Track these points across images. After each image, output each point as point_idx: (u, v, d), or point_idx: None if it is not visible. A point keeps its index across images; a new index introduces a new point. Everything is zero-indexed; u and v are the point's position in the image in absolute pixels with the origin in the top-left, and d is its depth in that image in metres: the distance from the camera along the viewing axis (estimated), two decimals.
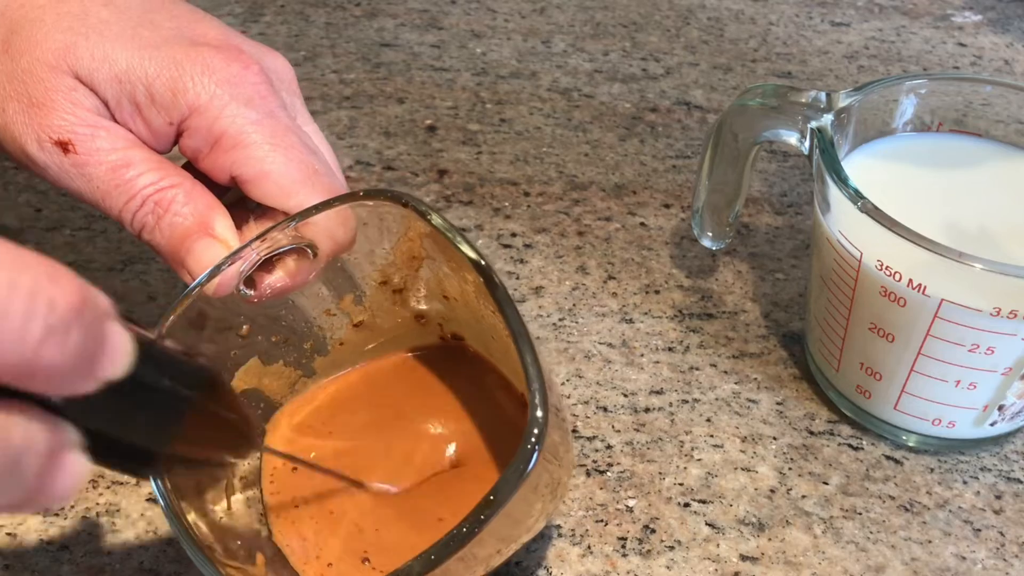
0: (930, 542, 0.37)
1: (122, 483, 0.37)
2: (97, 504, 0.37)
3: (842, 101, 0.38)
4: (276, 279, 0.33)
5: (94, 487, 0.37)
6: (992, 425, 0.38)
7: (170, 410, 0.23)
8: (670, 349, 0.44)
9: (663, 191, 0.53)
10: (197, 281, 0.32)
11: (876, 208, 0.34)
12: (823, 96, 0.38)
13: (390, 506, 0.34)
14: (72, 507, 0.37)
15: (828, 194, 0.36)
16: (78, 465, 0.20)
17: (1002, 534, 0.37)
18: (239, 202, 0.35)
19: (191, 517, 0.29)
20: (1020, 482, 0.39)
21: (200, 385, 0.24)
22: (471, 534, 0.26)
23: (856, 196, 0.34)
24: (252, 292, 0.33)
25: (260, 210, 0.34)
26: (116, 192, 0.32)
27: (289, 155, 0.33)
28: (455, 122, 0.57)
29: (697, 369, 0.43)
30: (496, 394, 0.36)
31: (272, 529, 0.33)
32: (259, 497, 0.34)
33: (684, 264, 0.48)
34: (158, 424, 0.23)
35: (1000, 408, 0.37)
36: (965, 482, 0.39)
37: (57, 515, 0.36)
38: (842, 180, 0.35)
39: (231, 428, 0.27)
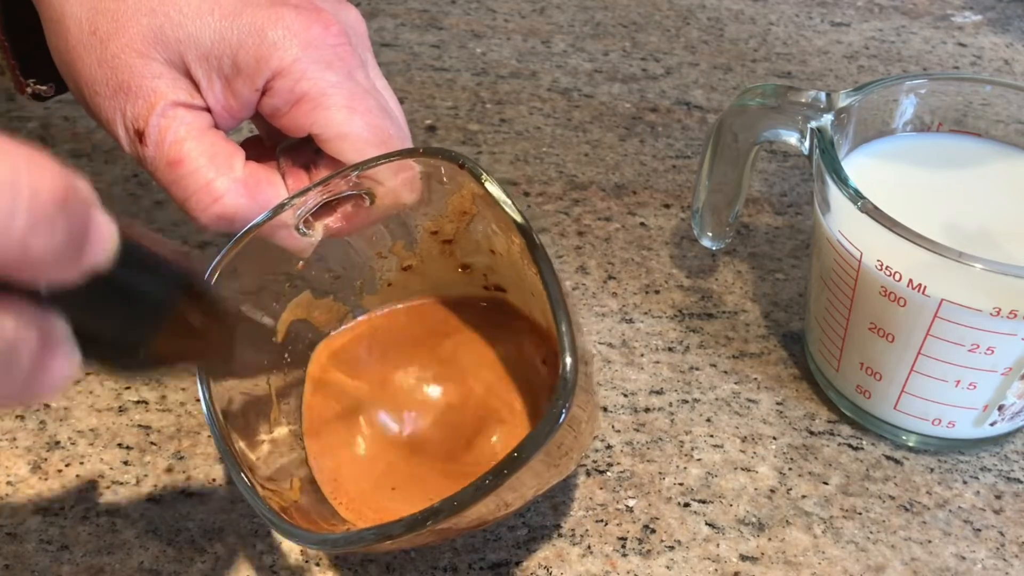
0: (930, 542, 0.37)
1: (122, 483, 0.37)
2: (97, 504, 0.37)
3: (842, 101, 0.38)
4: (332, 222, 0.35)
5: (94, 487, 0.37)
6: (992, 425, 0.38)
7: (154, 302, 0.23)
8: (670, 349, 0.44)
9: (663, 191, 0.53)
10: (257, 220, 0.34)
11: (876, 208, 0.34)
12: (823, 96, 0.38)
13: (415, 443, 0.36)
14: (72, 507, 0.37)
15: (828, 194, 0.36)
16: (70, 358, 0.20)
17: (1002, 534, 0.37)
18: (303, 141, 0.36)
19: (237, 443, 0.31)
20: (1020, 482, 0.39)
21: (182, 282, 0.24)
22: (493, 487, 0.27)
23: (856, 196, 0.34)
24: (310, 232, 0.35)
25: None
26: (173, 188, 0.34)
27: (367, 119, 0.34)
28: (455, 122, 0.57)
29: (697, 369, 0.43)
30: (529, 348, 0.38)
31: (308, 453, 0.36)
32: (299, 424, 0.37)
33: (684, 264, 0.48)
34: (142, 317, 0.23)
35: (1000, 408, 0.37)
36: (965, 482, 0.39)
37: (57, 515, 0.36)
38: (842, 180, 0.35)
39: (216, 331, 0.27)
